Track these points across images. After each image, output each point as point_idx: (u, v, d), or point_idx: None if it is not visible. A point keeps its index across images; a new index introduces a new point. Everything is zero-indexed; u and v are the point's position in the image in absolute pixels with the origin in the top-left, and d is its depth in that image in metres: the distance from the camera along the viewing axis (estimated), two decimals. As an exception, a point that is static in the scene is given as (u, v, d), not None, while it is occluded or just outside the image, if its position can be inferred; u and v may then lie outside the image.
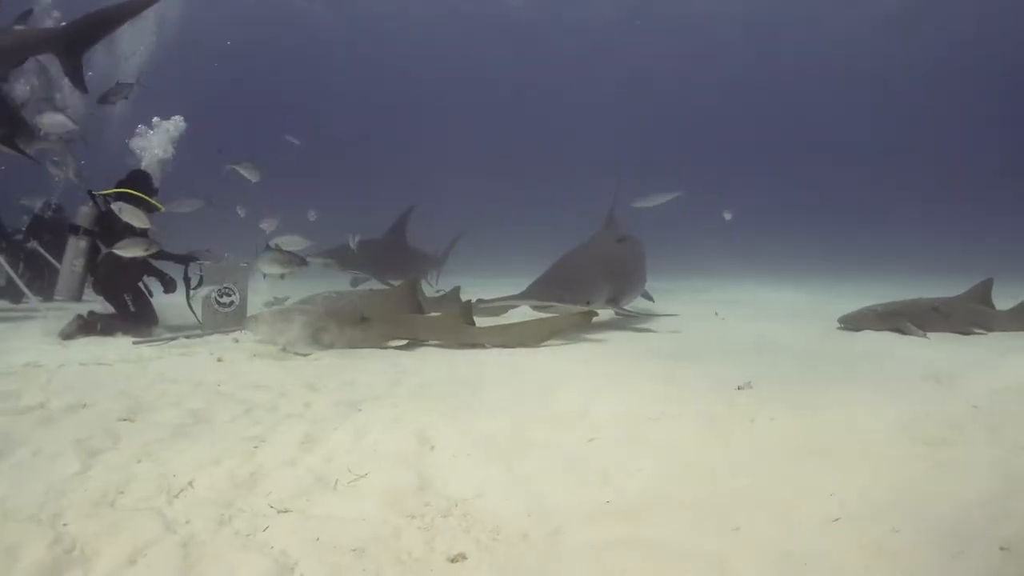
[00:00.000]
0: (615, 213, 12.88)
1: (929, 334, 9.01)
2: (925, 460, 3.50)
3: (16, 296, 12.87)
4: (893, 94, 57.71)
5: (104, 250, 8.66)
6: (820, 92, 59.56)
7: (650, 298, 13.03)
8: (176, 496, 3.01)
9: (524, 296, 9.00)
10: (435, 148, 58.66)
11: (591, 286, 9.44)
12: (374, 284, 14.82)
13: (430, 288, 15.79)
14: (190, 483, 3.16)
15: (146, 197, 8.82)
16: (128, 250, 7.97)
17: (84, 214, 8.73)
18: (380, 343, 7.43)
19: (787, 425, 4.19)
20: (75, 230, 8.72)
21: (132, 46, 12.51)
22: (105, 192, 8.84)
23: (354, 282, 15.40)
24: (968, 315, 9.62)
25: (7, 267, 11.29)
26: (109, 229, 8.65)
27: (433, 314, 8.48)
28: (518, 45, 54.84)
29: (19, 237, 13.52)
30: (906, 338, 8.89)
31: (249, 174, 11.08)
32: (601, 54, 54.97)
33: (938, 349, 7.90)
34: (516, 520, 2.84)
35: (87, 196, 8.90)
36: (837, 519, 2.79)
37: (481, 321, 8.26)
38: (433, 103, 61.27)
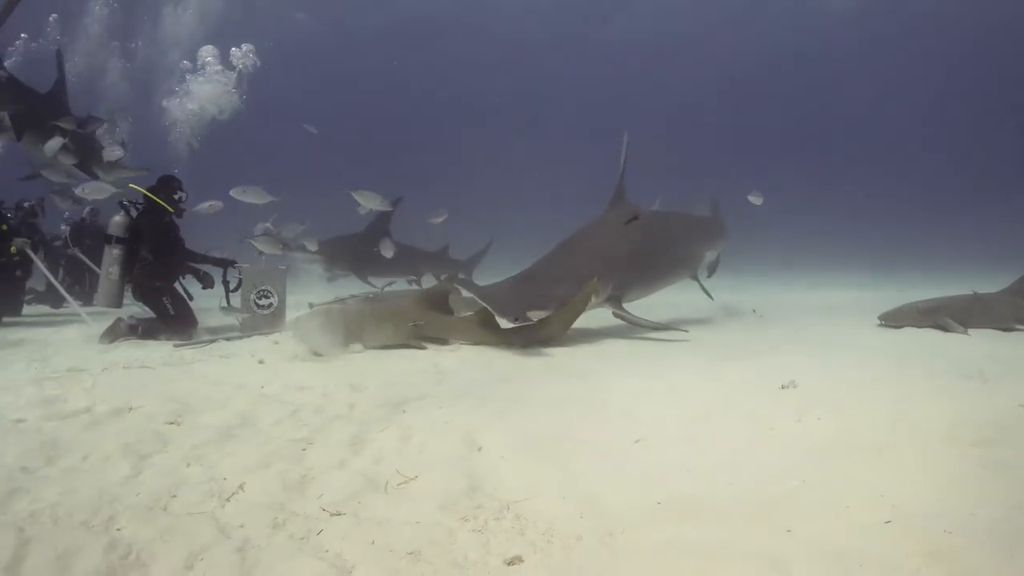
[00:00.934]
0: (624, 185, 10.51)
1: (971, 330, 8.89)
2: (973, 461, 3.44)
3: (56, 301, 13.05)
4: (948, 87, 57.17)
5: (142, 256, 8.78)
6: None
7: (707, 293, 11.78)
8: (228, 500, 3.00)
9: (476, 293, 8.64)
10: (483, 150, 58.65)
11: (552, 290, 8.22)
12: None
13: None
14: (241, 486, 3.15)
15: (164, 204, 8.87)
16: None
17: (116, 223, 8.83)
18: (417, 342, 7.44)
19: (833, 425, 4.12)
20: (108, 240, 8.81)
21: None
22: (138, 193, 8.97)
23: (331, 279, 15.12)
24: (1010, 310, 9.47)
25: (47, 272, 11.44)
26: (141, 236, 8.76)
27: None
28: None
29: (59, 243, 13.72)
30: (948, 335, 8.78)
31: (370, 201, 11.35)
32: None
33: (980, 346, 7.80)
34: (569, 522, 2.80)
35: (118, 205, 9.03)
36: (889, 521, 2.73)
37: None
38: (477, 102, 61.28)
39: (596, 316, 9.37)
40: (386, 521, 2.81)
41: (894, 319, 9.72)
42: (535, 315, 7.79)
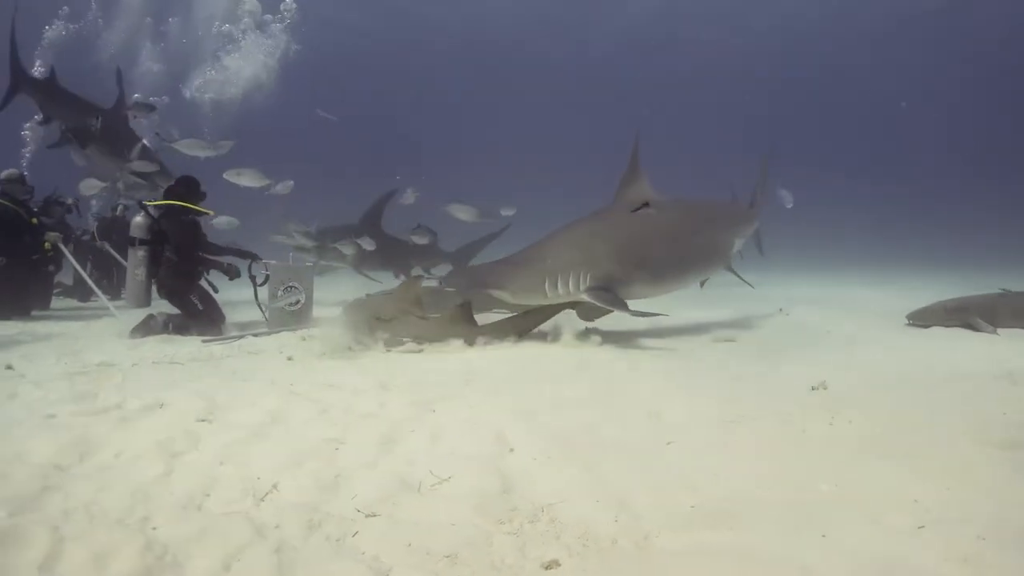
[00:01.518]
0: (638, 167, 9.48)
1: (1000, 330, 8.79)
2: (1005, 464, 3.43)
3: (84, 295, 13.18)
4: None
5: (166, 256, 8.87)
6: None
7: (746, 282, 11.33)
8: (262, 499, 2.99)
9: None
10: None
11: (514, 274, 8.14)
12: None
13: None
14: (275, 486, 3.14)
15: (194, 207, 8.95)
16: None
17: (138, 224, 8.92)
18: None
19: (864, 428, 4.10)
20: (132, 241, 8.90)
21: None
22: (156, 202, 9.08)
23: (322, 271, 14.74)
24: None
25: (78, 267, 11.54)
26: (164, 236, 8.84)
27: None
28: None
29: (86, 237, 13.83)
30: (976, 334, 8.69)
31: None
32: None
33: (1009, 346, 7.73)
34: (604, 526, 2.78)
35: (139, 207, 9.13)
36: (922, 526, 2.72)
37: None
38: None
39: (623, 317, 9.35)
40: (421, 523, 2.79)
41: (922, 318, 9.61)
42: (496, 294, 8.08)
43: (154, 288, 9.14)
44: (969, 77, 56.21)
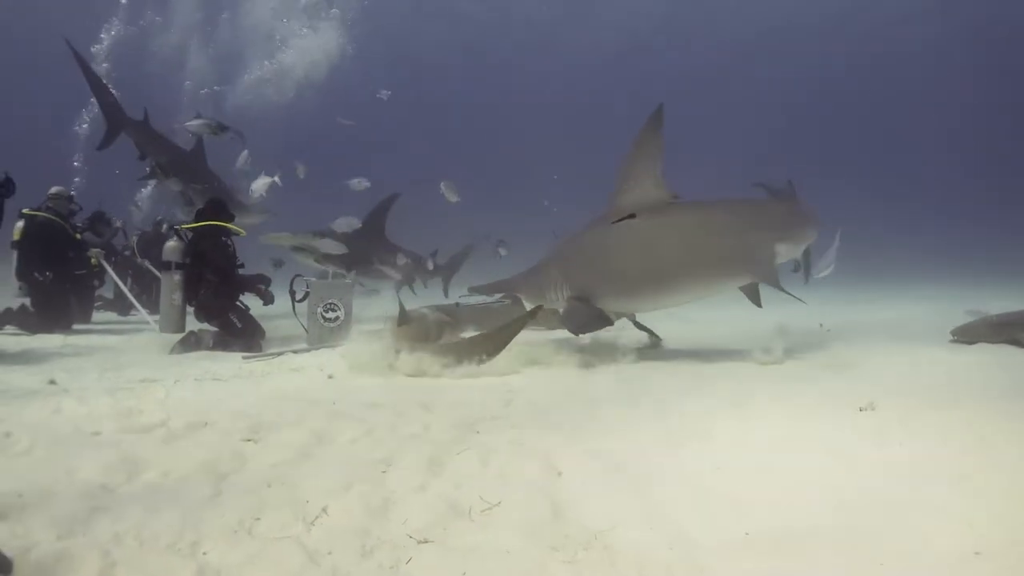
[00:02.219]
0: (656, 156, 8.08)
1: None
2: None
3: (124, 309, 13.37)
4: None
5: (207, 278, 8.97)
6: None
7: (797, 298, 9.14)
8: (312, 523, 2.95)
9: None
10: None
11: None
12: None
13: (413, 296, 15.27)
14: (324, 509, 3.10)
15: (229, 226, 9.07)
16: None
17: (171, 248, 9.02)
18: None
19: (916, 449, 3.99)
20: (167, 266, 8.98)
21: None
22: (190, 225, 9.18)
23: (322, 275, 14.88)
24: None
25: (119, 281, 11.71)
26: (202, 259, 8.92)
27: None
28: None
29: (128, 252, 14.06)
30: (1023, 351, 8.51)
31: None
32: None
33: (1057, 363, 7.56)
34: (658, 553, 2.71)
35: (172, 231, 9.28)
36: (978, 552, 2.64)
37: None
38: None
39: (669, 333, 9.30)
40: (474, 550, 2.74)
41: (966, 334, 9.40)
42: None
43: (190, 310, 9.25)
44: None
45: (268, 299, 9.45)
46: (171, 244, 9.03)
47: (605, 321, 7.67)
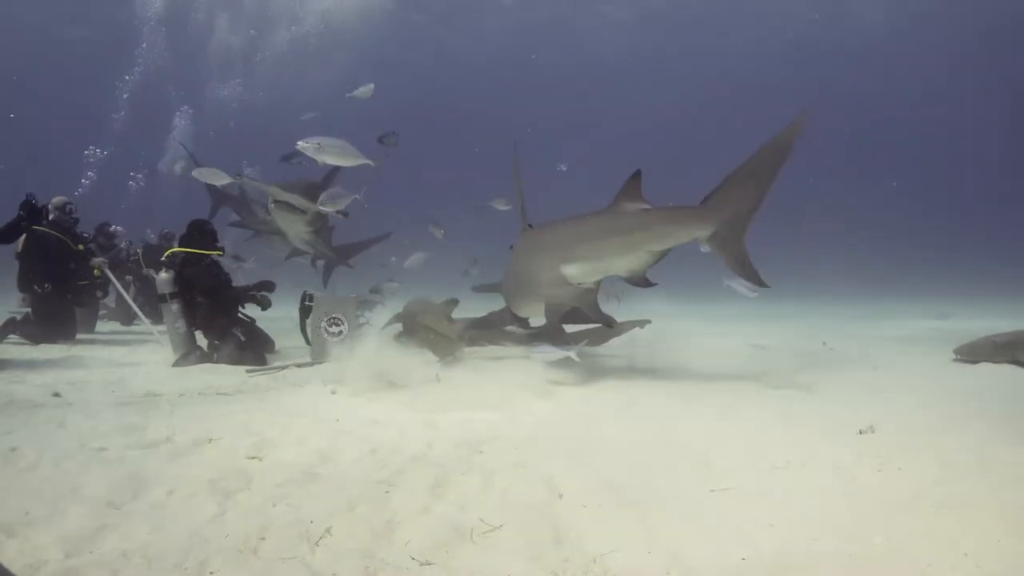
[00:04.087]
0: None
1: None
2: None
3: (127, 318, 13.44)
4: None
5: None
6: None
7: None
8: (317, 544, 2.98)
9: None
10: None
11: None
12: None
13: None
14: (328, 530, 3.12)
15: (202, 251, 9.15)
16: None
17: (163, 281, 9.08)
18: None
19: (915, 475, 4.01)
20: (163, 298, 9.02)
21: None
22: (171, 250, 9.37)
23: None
24: None
25: (123, 292, 11.75)
26: (191, 282, 9.00)
27: None
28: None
29: (133, 260, 14.15)
30: (1025, 372, 8.51)
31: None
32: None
33: (1064, 384, 7.56)
34: (657, 577, 2.76)
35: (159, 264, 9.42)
36: (976, 582, 2.64)
37: None
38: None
39: (672, 353, 9.33)
40: (476, 573, 2.76)
41: (969, 353, 9.41)
42: None
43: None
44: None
45: (265, 304, 9.53)
46: (162, 276, 9.05)
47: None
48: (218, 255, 9.40)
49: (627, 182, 7.33)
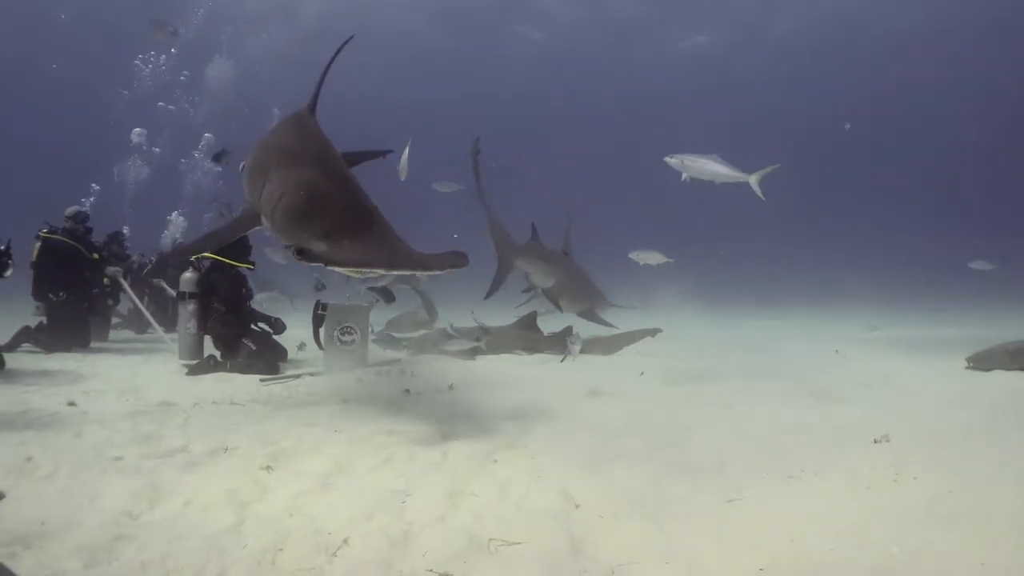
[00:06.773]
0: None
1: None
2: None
3: (140, 326, 13.49)
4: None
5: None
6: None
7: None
8: (335, 555, 2.98)
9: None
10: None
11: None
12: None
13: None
14: (345, 541, 3.12)
15: (237, 263, 9.17)
16: None
17: (187, 279, 9.09)
18: None
19: (931, 485, 3.97)
20: (181, 296, 9.06)
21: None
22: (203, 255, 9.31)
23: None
24: None
25: (136, 300, 11.80)
26: (213, 287, 9.03)
27: None
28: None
29: (148, 269, 14.23)
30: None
31: None
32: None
33: (1078, 393, 7.50)
34: (675, 590, 2.75)
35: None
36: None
37: None
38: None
39: (686, 362, 9.33)
40: (493, 584, 2.78)
41: (983, 361, 9.33)
42: None
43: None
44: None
45: (279, 328, 9.61)
46: (187, 275, 9.09)
47: None
48: (248, 268, 9.42)
49: None
